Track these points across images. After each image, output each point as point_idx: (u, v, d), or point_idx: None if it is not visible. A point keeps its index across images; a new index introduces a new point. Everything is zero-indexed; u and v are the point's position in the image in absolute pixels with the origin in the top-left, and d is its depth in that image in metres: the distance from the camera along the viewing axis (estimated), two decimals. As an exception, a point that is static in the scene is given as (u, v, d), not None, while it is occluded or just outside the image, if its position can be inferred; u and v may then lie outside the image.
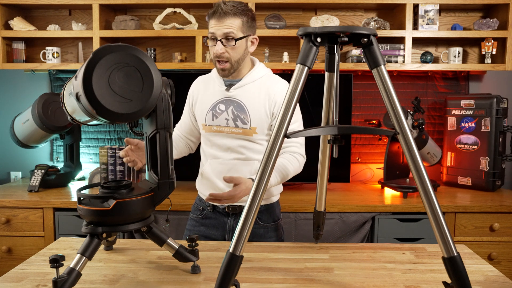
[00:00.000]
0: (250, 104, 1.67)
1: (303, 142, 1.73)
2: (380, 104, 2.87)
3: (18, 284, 1.24)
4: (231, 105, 1.69)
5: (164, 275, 1.31)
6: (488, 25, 2.61)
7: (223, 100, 1.71)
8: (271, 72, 1.77)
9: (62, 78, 2.92)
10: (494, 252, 2.29)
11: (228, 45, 1.61)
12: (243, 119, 1.68)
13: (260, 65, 1.75)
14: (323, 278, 1.30)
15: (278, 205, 1.83)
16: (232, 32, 1.60)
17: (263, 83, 1.70)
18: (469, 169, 2.62)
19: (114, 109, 1.07)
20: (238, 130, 1.68)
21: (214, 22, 1.61)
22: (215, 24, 1.60)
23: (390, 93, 1.08)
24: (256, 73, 1.71)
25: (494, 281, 1.29)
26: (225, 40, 1.61)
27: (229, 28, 1.59)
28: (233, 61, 1.64)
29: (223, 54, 1.62)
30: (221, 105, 1.71)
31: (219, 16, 1.59)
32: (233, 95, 1.69)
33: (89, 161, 2.96)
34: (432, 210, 1.05)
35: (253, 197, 1.09)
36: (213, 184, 1.75)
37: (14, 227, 2.34)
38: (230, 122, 1.69)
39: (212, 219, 1.79)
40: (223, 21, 1.59)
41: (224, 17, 1.59)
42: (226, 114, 1.69)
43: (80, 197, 1.20)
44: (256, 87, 1.69)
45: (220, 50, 1.61)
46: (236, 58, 1.64)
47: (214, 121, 1.71)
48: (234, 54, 1.63)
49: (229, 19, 1.59)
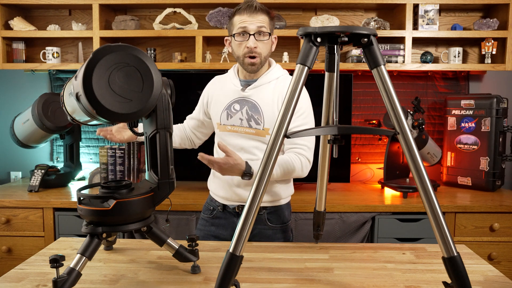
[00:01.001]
0: (264, 105, 1.68)
1: (311, 146, 1.70)
2: (380, 104, 2.87)
3: (18, 284, 1.24)
4: (246, 105, 1.69)
5: (164, 275, 1.31)
6: (488, 25, 2.61)
7: (238, 100, 1.71)
8: (287, 74, 1.78)
9: (62, 78, 2.92)
10: (494, 252, 2.29)
11: (260, 40, 1.64)
12: (257, 120, 1.68)
13: (276, 66, 1.76)
14: (323, 278, 1.30)
15: (288, 208, 1.82)
16: (264, 26, 1.64)
17: (279, 84, 1.71)
18: (469, 169, 2.62)
19: (114, 109, 1.07)
20: (252, 131, 1.69)
21: (245, 17, 1.62)
22: (247, 19, 1.62)
23: (390, 93, 1.08)
24: (272, 74, 1.72)
25: (494, 281, 1.29)
26: (257, 35, 1.63)
27: (262, 22, 1.63)
28: (263, 57, 1.67)
29: (256, 49, 1.63)
30: (236, 104, 1.71)
31: (252, 12, 1.62)
32: (248, 95, 1.70)
33: (89, 161, 2.96)
34: (432, 210, 1.05)
35: (253, 197, 1.09)
36: (224, 183, 1.75)
37: (14, 227, 2.34)
38: (244, 122, 1.69)
39: (222, 219, 1.79)
40: (256, 16, 1.62)
41: (257, 13, 1.62)
42: (240, 114, 1.70)
43: (80, 197, 1.20)
44: (271, 88, 1.70)
45: (253, 44, 1.63)
46: (265, 53, 1.67)
47: (228, 121, 1.72)
48: (265, 49, 1.66)
49: (261, 15, 1.63)
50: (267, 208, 1.75)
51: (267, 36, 1.65)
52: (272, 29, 1.70)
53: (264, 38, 1.65)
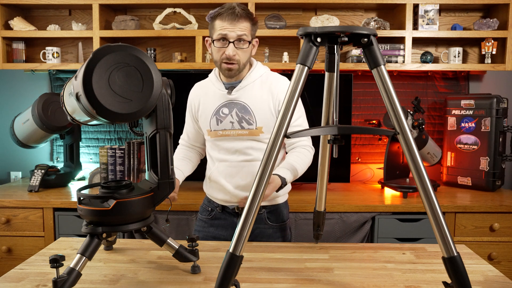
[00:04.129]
0: (253, 104, 1.68)
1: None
2: (380, 104, 2.87)
3: (18, 284, 1.24)
4: (235, 107, 1.69)
5: (164, 275, 1.31)
6: (488, 25, 2.61)
7: (225, 103, 1.70)
8: (269, 70, 1.78)
9: (62, 78, 2.92)
10: (494, 252, 2.29)
11: (240, 48, 1.62)
12: (248, 120, 1.68)
13: (258, 64, 1.75)
14: (323, 278, 1.30)
15: (285, 206, 1.83)
16: (245, 34, 1.61)
17: (264, 81, 1.71)
18: (469, 169, 2.62)
19: (114, 109, 1.07)
20: (245, 132, 1.68)
21: (226, 23, 1.59)
22: (228, 26, 1.59)
23: (390, 93, 1.08)
24: (255, 73, 1.72)
25: (494, 281, 1.29)
26: (237, 42, 1.61)
27: (243, 30, 1.60)
28: (241, 63, 1.65)
29: (234, 57, 1.62)
30: (224, 108, 1.70)
31: (233, 18, 1.58)
32: (236, 97, 1.69)
33: (89, 161, 2.96)
34: (432, 210, 1.05)
35: (253, 197, 1.09)
36: (221, 186, 1.74)
37: (14, 227, 2.34)
38: (235, 124, 1.69)
39: (221, 219, 1.79)
40: (237, 24, 1.59)
41: (239, 20, 1.59)
42: (230, 117, 1.69)
43: (80, 197, 1.20)
44: (257, 86, 1.70)
45: (232, 52, 1.61)
46: (244, 60, 1.66)
47: (219, 126, 1.71)
48: (244, 56, 1.65)
49: (242, 22, 1.60)
50: (267, 207, 1.75)
51: (246, 44, 1.63)
52: (253, 34, 1.67)
53: (243, 46, 1.62)
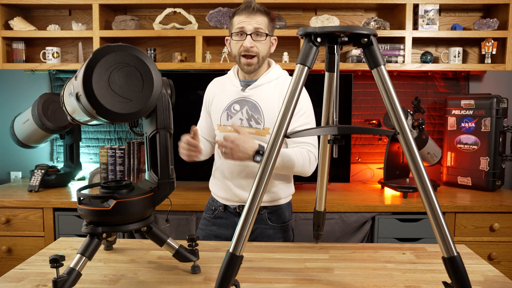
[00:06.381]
0: (264, 104, 1.69)
1: (316, 144, 1.69)
2: (380, 104, 2.87)
3: (18, 284, 1.24)
4: (246, 105, 1.70)
5: (164, 275, 1.31)
6: (488, 25, 2.61)
7: (238, 100, 1.72)
8: (287, 74, 1.79)
9: (62, 78, 2.92)
10: (494, 252, 2.29)
11: (257, 40, 1.66)
12: (257, 119, 1.69)
13: (276, 67, 1.77)
14: (323, 278, 1.30)
15: (288, 207, 1.82)
16: (261, 28, 1.66)
17: (279, 84, 1.72)
18: (469, 169, 2.62)
19: (114, 109, 1.07)
20: (252, 130, 1.69)
21: (243, 17, 1.65)
22: (244, 19, 1.65)
23: (390, 93, 1.08)
24: (272, 74, 1.74)
25: (494, 281, 1.29)
26: (254, 35, 1.65)
27: (259, 24, 1.65)
28: (260, 57, 1.68)
29: (252, 48, 1.65)
30: (236, 105, 1.72)
31: (250, 12, 1.65)
32: (249, 95, 1.70)
33: (89, 161, 2.96)
34: (432, 210, 1.05)
35: (253, 197, 1.09)
36: (224, 184, 1.76)
37: (14, 227, 2.34)
38: (244, 122, 1.70)
39: (223, 218, 1.80)
40: (253, 17, 1.65)
41: (255, 14, 1.65)
42: (240, 114, 1.71)
43: (80, 197, 1.20)
44: (271, 88, 1.71)
45: (249, 44, 1.64)
46: (263, 53, 1.68)
47: (228, 121, 1.73)
48: (262, 49, 1.68)
49: (259, 16, 1.66)
50: (268, 208, 1.75)
51: (264, 37, 1.66)
52: (271, 31, 1.71)
53: (261, 39, 1.66)
